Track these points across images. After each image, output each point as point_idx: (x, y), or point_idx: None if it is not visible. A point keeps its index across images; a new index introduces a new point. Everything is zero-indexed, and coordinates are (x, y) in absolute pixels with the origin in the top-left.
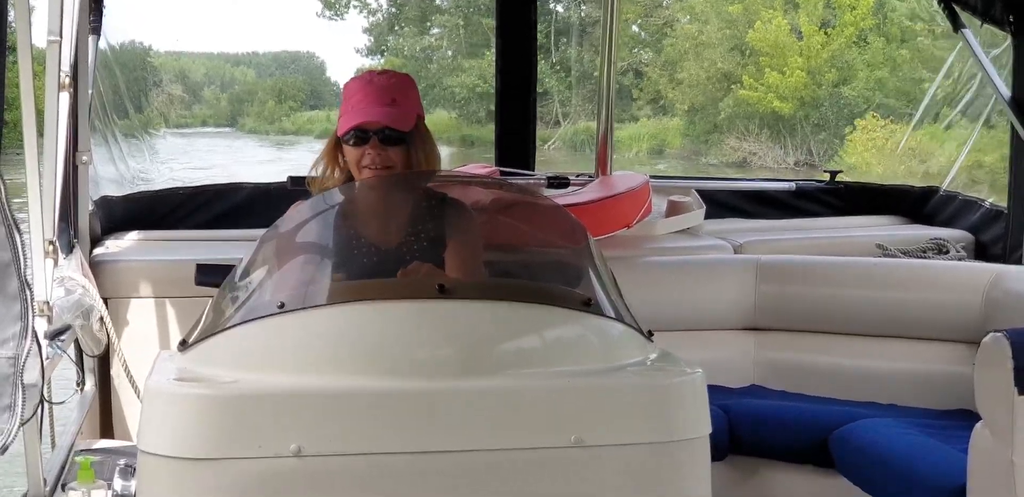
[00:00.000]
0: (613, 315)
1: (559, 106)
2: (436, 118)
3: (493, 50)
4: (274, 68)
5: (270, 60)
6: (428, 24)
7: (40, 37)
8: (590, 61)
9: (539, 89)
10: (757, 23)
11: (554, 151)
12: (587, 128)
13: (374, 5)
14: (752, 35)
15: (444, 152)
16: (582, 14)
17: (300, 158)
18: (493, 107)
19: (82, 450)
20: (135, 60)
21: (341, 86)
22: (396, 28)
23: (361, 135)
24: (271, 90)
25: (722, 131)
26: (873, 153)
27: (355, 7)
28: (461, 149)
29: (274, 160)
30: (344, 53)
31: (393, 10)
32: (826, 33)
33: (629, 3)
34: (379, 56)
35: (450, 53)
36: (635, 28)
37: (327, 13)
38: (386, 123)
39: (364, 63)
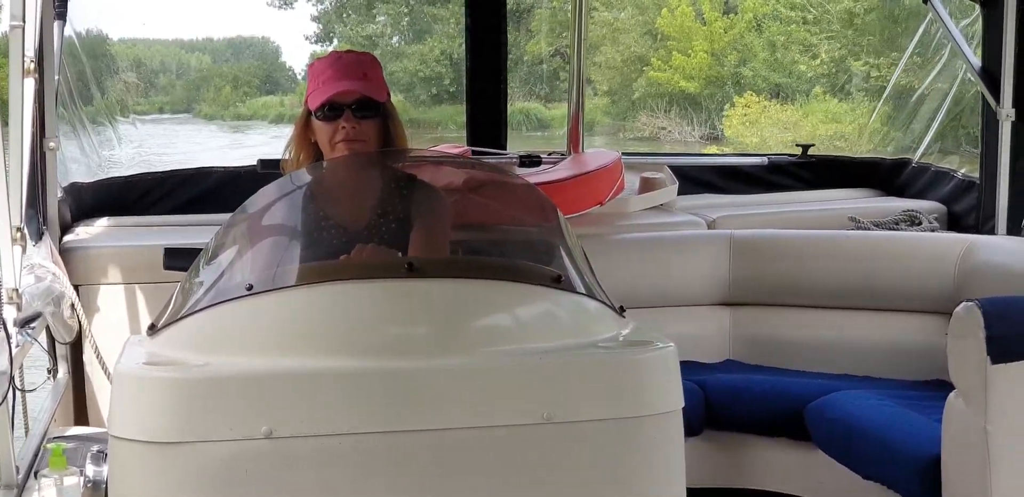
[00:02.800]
0: (584, 291)
1: None
2: None
3: (464, 30)
4: (229, 54)
5: (225, 46)
6: (374, 12)
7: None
8: (524, 45)
9: None
10: (664, 10)
11: None
12: (522, 109)
13: None
14: (660, 21)
15: None
16: (516, 1)
17: (256, 141)
18: (435, 91)
19: (55, 437)
20: (98, 48)
21: (296, 71)
22: (344, 16)
23: (335, 108)
24: (226, 76)
25: (637, 109)
26: (747, 126)
27: None
28: (407, 131)
29: (232, 145)
30: (295, 40)
31: None
32: (729, 18)
33: None
34: (328, 43)
35: (394, 40)
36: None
37: (276, 2)
38: (361, 91)
39: (315, 49)
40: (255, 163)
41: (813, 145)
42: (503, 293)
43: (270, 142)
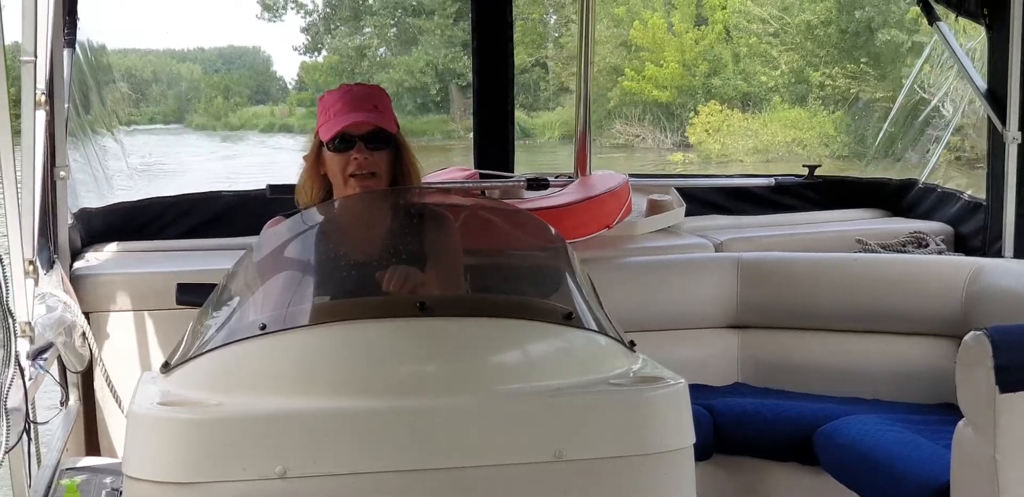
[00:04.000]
0: (595, 327)
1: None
2: None
3: (471, 51)
4: (220, 64)
5: (216, 56)
6: (361, 24)
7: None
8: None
9: (462, 83)
10: (637, 23)
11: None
12: None
13: (310, 6)
14: (634, 33)
15: None
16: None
17: (247, 151)
18: (420, 100)
19: (68, 469)
20: (99, 58)
21: (287, 81)
22: (332, 27)
23: (347, 140)
24: (217, 87)
25: (612, 117)
26: (710, 133)
27: (292, 8)
28: None
29: (229, 155)
30: (285, 50)
31: (328, 11)
32: (699, 30)
33: (536, 4)
34: (317, 54)
35: (381, 51)
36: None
37: (266, 15)
38: (373, 123)
39: (305, 60)
40: (264, 188)
41: (819, 166)
42: (515, 331)
43: (264, 153)
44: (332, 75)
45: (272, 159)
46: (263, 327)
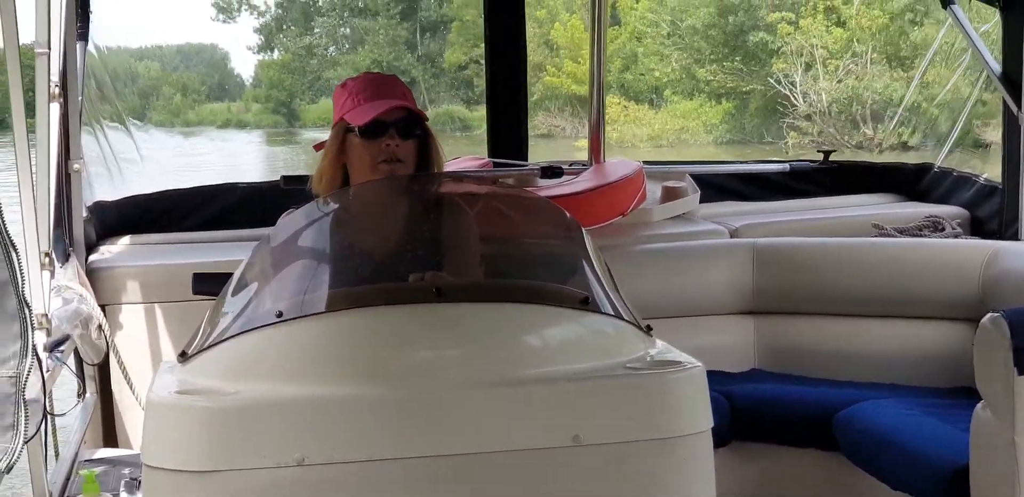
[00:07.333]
0: (611, 312)
1: (425, 93)
2: (322, 106)
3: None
4: (178, 61)
5: (174, 53)
6: (312, 24)
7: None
8: (451, 54)
9: (406, 79)
10: (557, 23)
11: None
12: (448, 111)
13: (262, 7)
14: (554, 33)
15: (327, 134)
16: (442, 13)
17: (200, 144)
18: None
19: (86, 460)
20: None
21: (244, 78)
22: (284, 27)
23: (380, 127)
24: (176, 84)
25: (536, 110)
26: (610, 122)
27: (246, 10)
28: None
29: (188, 152)
30: (239, 49)
31: (280, 12)
32: (614, 30)
33: (470, 7)
34: (270, 52)
35: (331, 50)
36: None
37: (220, 17)
38: (407, 108)
39: (260, 58)
40: (278, 179)
41: (835, 151)
42: (531, 316)
43: (221, 148)
44: (285, 72)
45: (231, 156)
46: (280, 314)
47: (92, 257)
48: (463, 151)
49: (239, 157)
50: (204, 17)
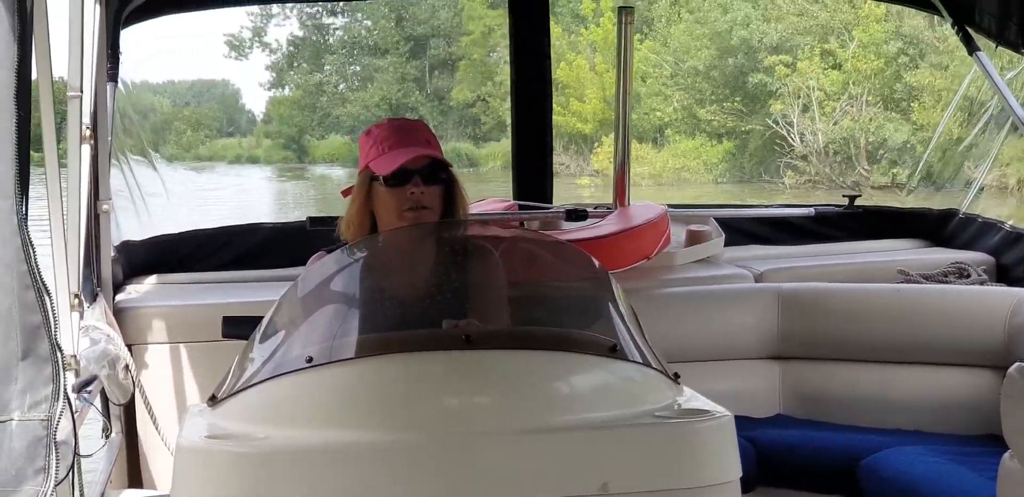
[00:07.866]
0: (639, 359)
1: (434, 130)
2: (331, 142)
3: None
4: (190, 96)
5: (186, 89)
6: (322, 61)
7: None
8: (458, 91)
9: (414, 116)
10: (563, 63)
11: None
12: (455, 148)
13: (274, 45)
14: (559, 72)
15: (340, 172)
16: (451, 51)
17: (212, 180)
18: None
19: None
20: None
21: (256, 114)
22: (295, 65)
23: (405, 175)
24: (188, 120)
25: None
26: (610, 161)
27: (258, 47)
28: (353, 169)
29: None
30: (251, 85)
31: (291, 49)
32: None
33: (478, 46)
34: (282, 89)
35: (340, 87)
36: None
37: (233, 54)
38: (431, 156)
39: (271, 94)
40: (304, 220)
41: (859, 196)
42: (560, 364)
43: (233, 184)
44: (296, 109)
45: (242, 188)
46: (309, 360)
47: (119, 297)
48: (471, 188)
49: (250, 193)
50: (217, 54)
